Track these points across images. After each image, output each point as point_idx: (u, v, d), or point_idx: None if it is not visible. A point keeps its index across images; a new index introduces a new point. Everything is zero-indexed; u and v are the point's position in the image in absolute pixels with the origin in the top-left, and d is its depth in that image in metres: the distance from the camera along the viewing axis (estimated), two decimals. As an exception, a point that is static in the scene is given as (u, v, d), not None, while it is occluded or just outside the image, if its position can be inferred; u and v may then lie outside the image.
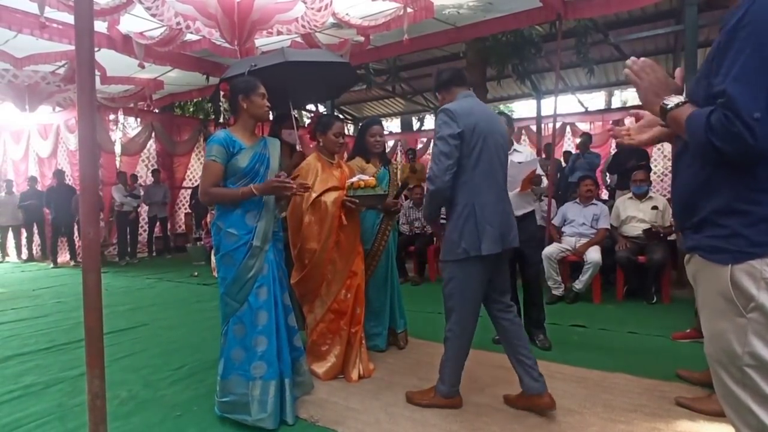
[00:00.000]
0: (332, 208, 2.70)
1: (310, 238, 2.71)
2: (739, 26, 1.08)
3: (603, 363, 2.90)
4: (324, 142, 2.88)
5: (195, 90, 7.79)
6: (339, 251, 2.77)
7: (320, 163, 2.84)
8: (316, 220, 2.71)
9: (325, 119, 2.92)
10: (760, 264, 1.10)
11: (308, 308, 2.84)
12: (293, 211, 2.76)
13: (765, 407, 1.12)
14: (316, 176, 2.77)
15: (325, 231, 2.69)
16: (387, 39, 5.59)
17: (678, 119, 1.18)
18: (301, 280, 2.77)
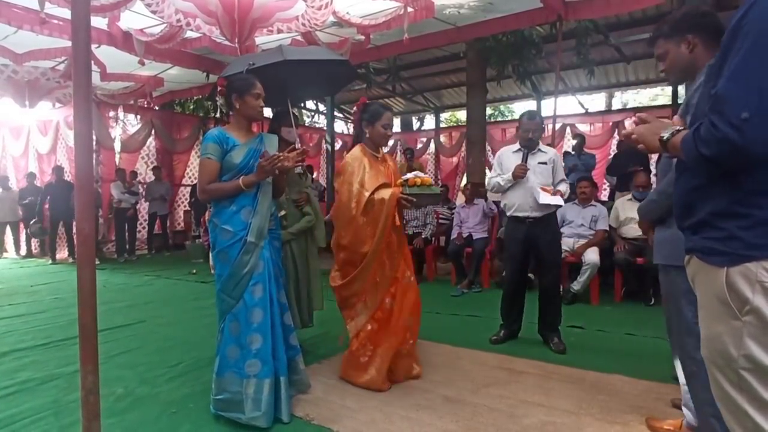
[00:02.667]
0: (387, 206, 2.46)
1: (364, 240, 2.48)
2: (738, 27, 1.08)
3: (600, 364, 2.90)
4: (371, 134, 2.64)
5: (195, 87, 7.78)
6: (389, 253, 2.57)
7: (366, 158, 2.60)
8: (370, 220, 2.47)
9: (373, 108, 2.67)
10: (756, 267, 1.10)
11: (349, 314, 2.62)
12: (339, 210, 2.56)
13: (761, 411, 1.11)
14: (364, 171, 2.54)
15: (378, 231, 2.46)
16: (387, 38, 5.57)
17: (675, 144, 1.20)
18: (348, 284, 2.57)
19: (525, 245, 3.29)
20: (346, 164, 2.59)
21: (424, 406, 2.38)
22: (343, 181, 2.56)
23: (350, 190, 2.52)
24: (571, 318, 3.91)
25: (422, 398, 2.47)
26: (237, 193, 2.23)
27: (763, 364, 1.10)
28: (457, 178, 10.89)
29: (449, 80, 10.01)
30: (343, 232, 2.54)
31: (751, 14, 1.06)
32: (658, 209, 1.97)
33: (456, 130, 11.70)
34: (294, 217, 3.08)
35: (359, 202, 2.48)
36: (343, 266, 2.61)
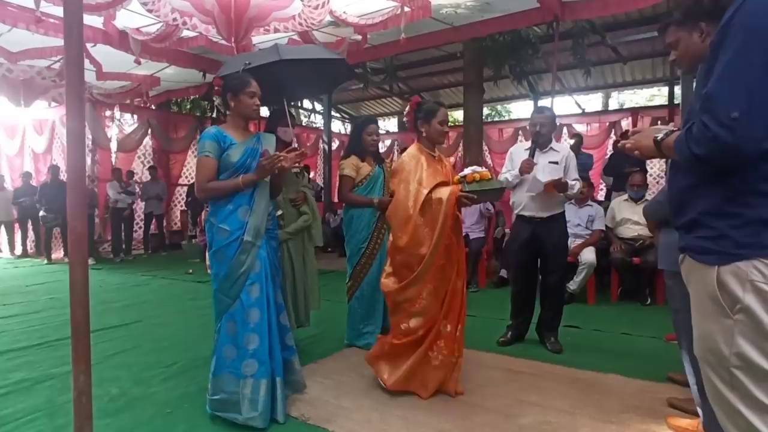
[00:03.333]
0: (446, 205, 2.33)
1: (422, 241, 2.36)
2: (729, 25, 1.09)
3: (596, 364, 2.91)
4: (427, 132, 2.54)
5: (192, 87, 7.76)
6: (448, 256, 2.44)
7: (424, 156, 2.50)
8: (428, 220, 2.36)
9: (428, 106, 2.58)
10: (746, 266, 1.11)
11: (400, 319, 2.47)
12: (396, 210, 2.43)
13: (753, 409, 1.12)
14: (422, 170, 2.43)
15: (437, 232, 2.34)
16: (384, 38, 5.56)
17: (669, 145, 1.22)
18: (403, 288, 2.43)
19: (531, 245, 3.24)
20: (404, 163, 2.49)
21: (419, 406, 2.38)
22: (401, 180, 2.46)
23: (408, 189, 2.41)
24: (567, 318, 3.90)
25: (418, 398, 2.46)
26: (235, 192, 2.22)
27: (754, 363, 1.10)
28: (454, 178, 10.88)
29: (446, 80, 10.02)
30: (400, 233, 2.41)
31: (739, 16, 1.07)
32: (663, 210, 1.97)
33: (453, 130, 11.65)
34: (291, 217, 3.07)
35: (417, 201, 2.36)
36: (399, 269, 2.46)
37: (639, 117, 8.98)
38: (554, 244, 3.22)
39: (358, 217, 3.20)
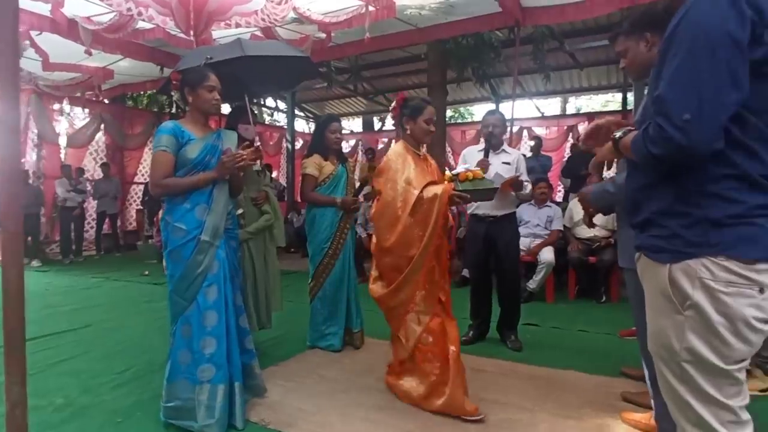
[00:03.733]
0: (440, 204, 2.23)
1: (411, 242, 2.26)
2: (675, 31, 1.12)
3: (554, 361, 2.98)
4: (412, 130, 2.45)
5: (148, 81, 7.45)
6: (438, 257, 2.37)
7: (410, 155, 2.42)
8: (419, 220, 2.25)
9: (415, 103, 2.49)
10: (696, 264, 1.14)
11: (398, 325, 2.38)
12: (383, 210, 2.33)
13: (702, 402, 1.16)
14: (410, 168, 2.34)
15: (429, 232, 2.24)
16: (349, 37, 5.53)
17: (626, 143, 1.25)
18: (393, 292, 2.34)
19: (485, 244, 3.31)
20: (390, 161, 2.38)
21: (383, 407, 2.36)
22: (387, 179, 2.35)
23: (395, 188, 2.31)
24: (527, 316, 3.99)
25: (381, 399, 2.45)
26: (194, 189, 2.14)
27: (702, 357, 1.14)
28: (418, 179, 10.97)
29: (410, 81, 10.07)
30: (388, 234, 2.30)
31: (683, 24, 1.11)
32: (611, 200, 2.01)
33: (417, 131, 11.79)
34: (252, 216, 2.99)
35: (406, 201, 2.26)
36: (388, 272, 2.36)
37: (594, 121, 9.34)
38: (507, 243, 3.30)
39: (320, 217, 3.15)
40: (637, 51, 1.81)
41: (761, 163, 1.11)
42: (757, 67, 1.06)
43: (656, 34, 1.76)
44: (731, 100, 1.05)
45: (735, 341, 1.12)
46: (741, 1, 1.05)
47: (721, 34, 1.04)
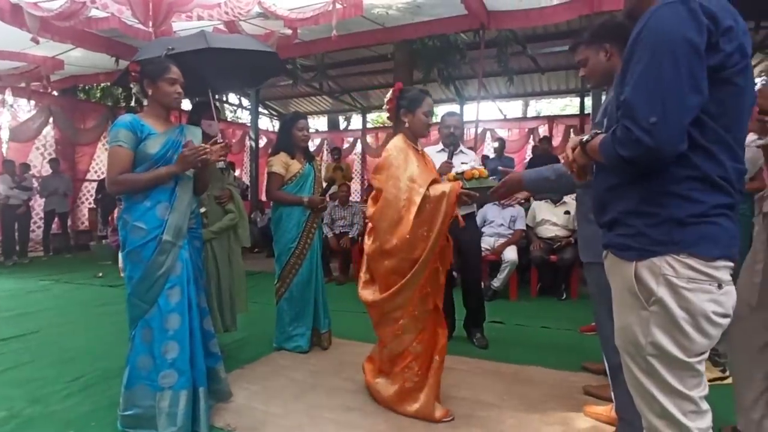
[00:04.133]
0: (448, 202, 2.10)
1: (417, 244, 2.11)
2: (638, 39, 1.17)
3: (519, 357, 3.04)
4: (411, 123, 2.31)
5: (102, 73, 7.10)
6: (442, 258, 2.25)
7: (411, 150, 2.27)
8: (425, 220, 2.11)
9: (413, 94, 2.33)
10: (660, 261, 1.19)
11: (389, 331, 2.22)
12: (385, 210, 2.16)
13: (667, 394, 1.21)
14: (413, 165, 2.20)
15: (435, 232, 2.11)
16: (315, 34, 5.47)
17: (594, 148, 1.28)
18: (392, 295, 2.17)
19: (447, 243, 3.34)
20: (390, 157, 2.21)
21: (352, 408, 2.34)
22: (389, 176, 2.19)
23: (398, 186, 2.16)
24: (492, 313, 4.07)
25: (350, 399, 2.42)
26: (153, 186, 2.04)
27: (667, 351, 1.19)
28: (383, 179, 11.00)
29: (376, 81, 10.08)
30: (389, 235, 2.14)
31: (645, 32, 1.15)
32: (548, 187, 2.04)
33: (383, 131, 11.82)
34: (216, 215, 2.90)
35: (411, 200, 2.12)
36: (386, 276, 2.20)
37: (554, 124, 9.67)
38: (469, 242, 3.33)
39: (287, 216, 3.09)
40: (597, 60, 1.90)
41: (719, 164, 1.17)
42: (713, 73, 1.12)
43: (615, 45, 1.85)
44: (693, 104, 1.10)
45: (696, 335, 1.17)
46: (698, 11, 1.10)
47: (681, 40, 1.09)
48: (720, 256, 1.18)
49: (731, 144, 1.18)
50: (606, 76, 1.92)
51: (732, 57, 1.11)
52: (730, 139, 1.17)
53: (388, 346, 2.26)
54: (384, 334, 2.26)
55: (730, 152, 1.18)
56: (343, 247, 5.68)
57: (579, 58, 1.97)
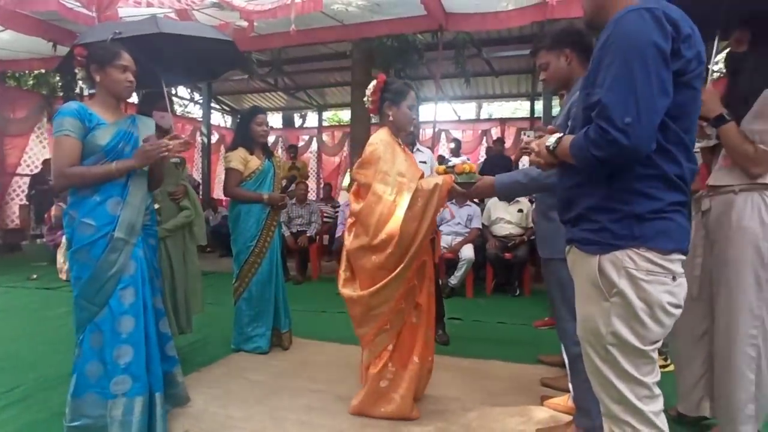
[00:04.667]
0: (439, 195, 2.06)
1: (408, 238, 2.07)
2: (607, 43, 1.22)
3: (478, 352, 3.11)
4: (395, 116, 2.26)
5: (37, 59, 6.55)
6: (428, 252, 2.22)
7: (396, 144, 2.24)
8: (417, 213, 2.06)
9: (398, 86, 2.29)
10: (622, 255, 1.25)
11: (370, 330, 2.17)
12: (373, 207, 2.11)
13: (624, 381, 1.28)
14: (400, 159, 2.18)
15: (425, 225, 2.07)
16: (272, 28, 5.32)
17: (563, 150, 1.32)
18: (378, 290, 2.11)
19: None
20: (377, 150, 2.16)
21: (316, 408, 2.30)
22: (377, 171, 2.14)
23: (387, 181, 2.12)
24: (450, 311, 4.13)
25: (313, 399, 2.39)
26: (106, 181, 1.91)
27: (625, 340, 1.26)
28: (339, 177, 10.97)
29: (333, 79, 9.98)
30: (377, 231, 2.10)
31: (615, 34, 1.21)
32: (520, 191, 2.09)
33: (339, 130, 11.74)
34: (170, 212, 2.76)
35: (400, 194, 2.10)
36: (373, 272, 2.13)
37: (506, 126, 10.00)
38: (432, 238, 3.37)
39: (246, 214, 3.00)
40: (557, 65, 1.98)
41: (677, 164, 1.25)
42: (675, 78, 1.19)
43: (574, 51, 1.94)
44: (662, 105, 1.17)
45: (652, 324, 1.25)
46: (662, 18, 1.17)
47: (649, 45, 1.15)
48: (674, 249, 1.26)
49: (687, 145, 1.26)
50: (565, 81, 2.00)
51: (691, 63, 1.19)
52: (687, 140, 1.25)
53: (367, 348, 2.22)
54: (366, 335, 2.20)
55: (687, 153, 1.26)
56: (300, 246, 5.59)
57: (540, 62, 2.04)
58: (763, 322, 1.83)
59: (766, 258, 1.81)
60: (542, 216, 2.16)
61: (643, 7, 1.18)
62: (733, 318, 1.86)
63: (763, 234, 1.80)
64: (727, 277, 1.88)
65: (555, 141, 1.37)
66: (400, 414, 2.17)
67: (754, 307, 1.82)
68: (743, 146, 1.81)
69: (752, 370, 1.83)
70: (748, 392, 1.83)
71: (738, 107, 1.87)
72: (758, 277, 1.81)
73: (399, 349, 2.20)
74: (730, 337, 1.87)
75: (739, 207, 1.84)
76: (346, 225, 2.38)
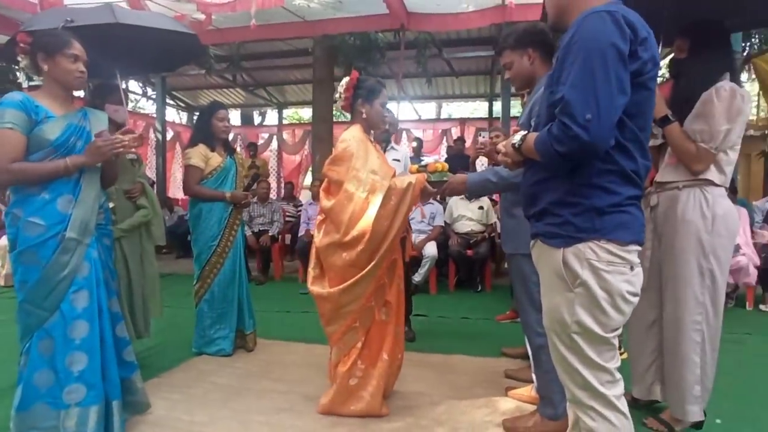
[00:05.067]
0: (412, 195, 2.10)
1: (379, 235, 2.08)
2: (571, 42, 1.27)
3: (443, 347, 3.16)
4: (368, 114, 2.27)
5: (-31, 49, 6.10)
6: (398, 251, 2.24)
7: (369, 142, 2.26)
8: (389, 211, 2.08)
9: (371, 84, 2.30)
10: (584, 247, 1.31)
11: (340, 327, 2.17)
12: (346, 204, 2.11)
13: (587, 367, 1.33)
14: (373, 156, 2.19)
15: (397, 222, 2.09)
16: (231, 22, 5.18)
17: (529, 147, 1.36)
18: (349, 287, 2.11)
19: None
20: (350, 147, 2.16)
21: (283, 409, 2.26)
22: (350, 167, 2.14)
23: (360, 178, 2.12)
24: (415, 307, 4.17)
25: (280, 400, 2.35)
26: (54, 178, 1.80)
27: (589, 328, 1.31)
28: (300, 176, 10.82)
29: (293, 76, 9.83)
30: (350, 228, 2.10)
31: (577, 35, 1.26)
32: (491, 190, 2.16)
33: (299, 128, 11.58)
34: (125, 211, 2.63)
35: (374, 192, 2.09)
36: (346, 269, 2.13)
37: (466, 126, 10.19)
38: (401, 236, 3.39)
39: (207, 212, 2.91)
40: (521, 64, 2.05)
41: (633, 160, 1.31)
42: (632, 78, 1.25)
43: (536, 50, 2.01)
44: (620, 103, 1.22)
45: (613, 312, 1.31)
46: (622, 21, 1.22)
47: (609, 46, 1.20)
48: (631, 240, 1.33)
49: (643, 142, 1.33)
50: (528, 79, 2.07)
51: (647, 64, 1.26)
52: (642, 138, 1.32)
53: (336, 346, 2.22)
54: (335, 332, 2.20)
55: (642, 150, 1.33)
56: (262, 245, 5.47)
57: (505, 61, 2.10)
58: (706, 309, 1.97)
59: (707, 249, 1.94)
60: (506, 213, 2.22)
61: (604, 9, 1.23)
62: (680, 306, 1.99)
63: (704, 227, 1.94)
64: (673, 268, 2.01)
65: (520, 138, 1.41)
66: (369, 412, 2.17)
67: (698, 294, 1.96)
68: (686, 145, 1.96)
69: (697, 354, 1.97)
70: (695, 375, 1.97)
71: (681, 109, 2.02)
72: (701, 267, 1.95)
73: (368, 346, 2.19)
74: (677, 324, 2.00)
75: (683, 202, 1.98)
76: (314, 222, 2.37)
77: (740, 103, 1.91)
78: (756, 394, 2.50)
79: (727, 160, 1.96)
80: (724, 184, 1.99)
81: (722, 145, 1.92)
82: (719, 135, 1.90)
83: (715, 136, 1.91)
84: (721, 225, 1.94)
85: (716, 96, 1.91)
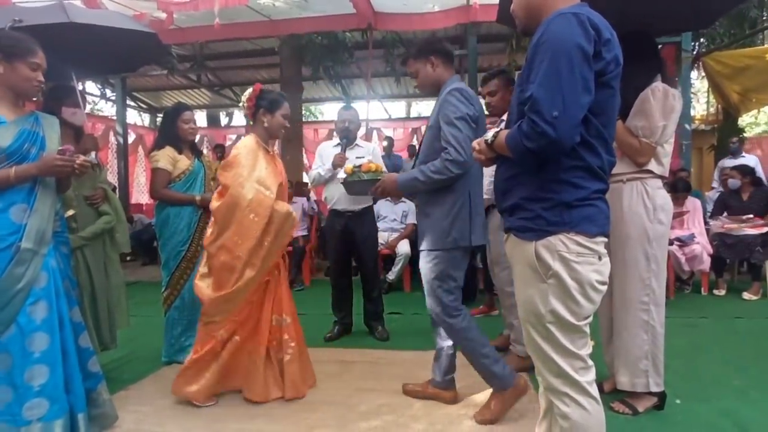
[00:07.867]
0: (291, 223, 2.35)
1: (258, 250, 2.26)
2: (539, 42, 1.30)
3: (418, 344, 3.17)
4: (270, 123, 2.44)
5: None
6: (275, 271, 2.42)
7: (261, 151, 2.40)
8: (271, 231, 2.27)
9: (274, 96, 2.48)
10: (555, 239, 1.35)
11: (208, 330, 2.31)
12: (231, 209, 2.24)
13: (561, 355, 1.38)
14: (262, 167, 2.33)
15: (277, 245, 2.31)
16: (194, 21, 5.06)
17: (501, 144, 1.40)
18: (220, 301, 2.27)
19: (344, 238, 3.37)
20: (239, 156, 2.31)
21: (258, 414, 2.23)
22: (237, 174, 2.28)
23: (244, 186, 2.26)
24: (390, 306, 4.19)
25: (254, 407, 2.31)
26: (5, 187, 1.71)
27: (562, 317, 1.36)
28: (270, 178, 10.68)
29: (260, 76, 9.68)
30: (230, 233, 2.25)
31: (545, 36, 1.30)
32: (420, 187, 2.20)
33: (268, 128, 11.42)
34: (87, 218, 2.52)
35: (261, 204, 2.25)
36: (221, 271, 2.28)
37: (435, 125, 10.29)
38: (366, 237, 3.41)
39: (175, 217, 2.82)
40: (426, 71, 2.21)
41: (598, 156, 1.36)
42: (596, 78, 1.29)
43: (438, 57, 2.18)
44: (585, 102, 1.26)
45: (584, 301, 1.36)
46: (586, 23, 1.26)
47: (574, 46, 1.24)
48: (598, 232, 1.38)
49: (606, 139, 1.38)
50: (434, 85, 2.22)
51: (610, 64, 1.30)
52: (606, 135, 1.37)
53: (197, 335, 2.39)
54: (203, 334, 2.34)
55: (606, 146, 1.38)
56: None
57: (411, 69, 2.26)
58: (653, 291, 2.17)
59: (651, 236, 2.14)
60: (420, 213, 2.32)
61: (570, 11, 1.28)
62: (628, 287, 2.19)
63: (647, 216, 2.15)
64: (622, 254, 2.18)
65: (492, 135, 1.44)
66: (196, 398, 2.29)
67: (645, 277, 2.16)
68: (629, 140, 2.15)
69: (646, 331, 2.17)
70: (642, 350, 2.16)
71: (622, 107, 2.12)
72: (646, 252, 2.16)
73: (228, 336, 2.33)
74: (626, 304, 2.20)
75: (627, 195, 2.19)
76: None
77: (672, 101, 2.11)
78: (712, 374, 2.64)
79: (664, 153, 2.18)
80: (663, 174, 2.20)
81: (660, 139, 2.12)
82: (658, 130, 2.10)
83: (654, 131, 2.10)
84: (661, 214, 2.16)
85: (652, 95, 2.10)
